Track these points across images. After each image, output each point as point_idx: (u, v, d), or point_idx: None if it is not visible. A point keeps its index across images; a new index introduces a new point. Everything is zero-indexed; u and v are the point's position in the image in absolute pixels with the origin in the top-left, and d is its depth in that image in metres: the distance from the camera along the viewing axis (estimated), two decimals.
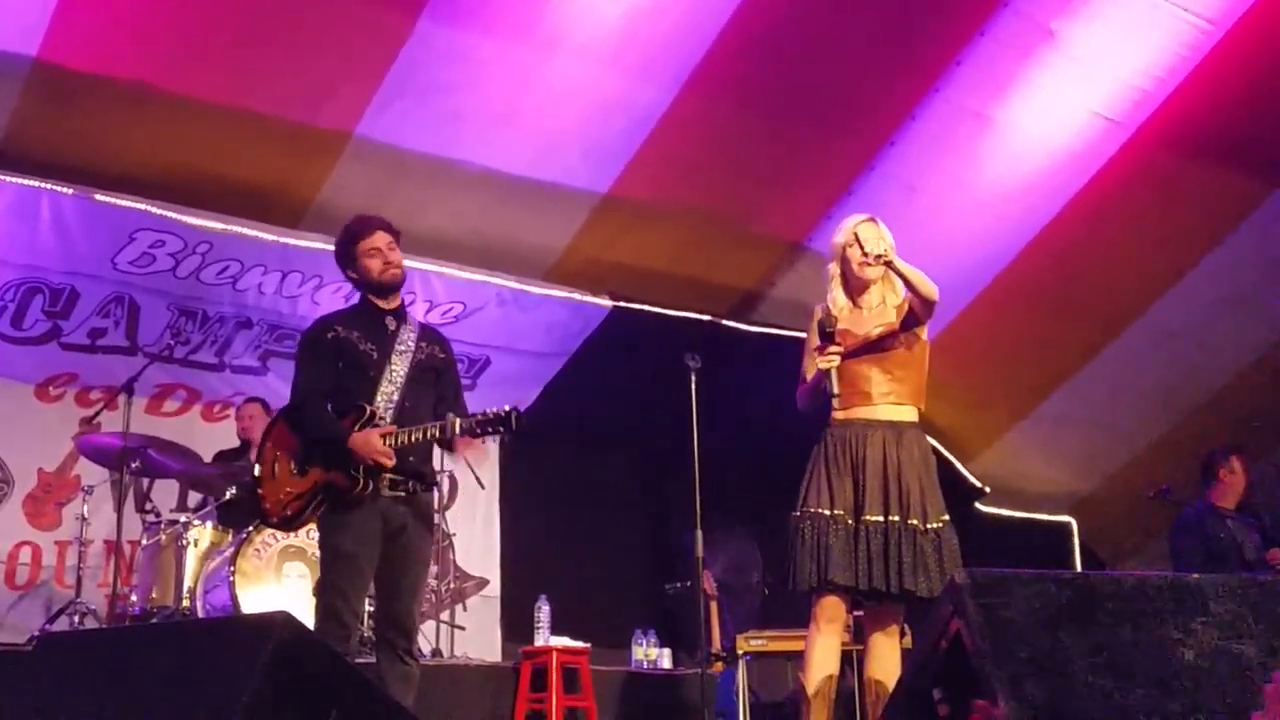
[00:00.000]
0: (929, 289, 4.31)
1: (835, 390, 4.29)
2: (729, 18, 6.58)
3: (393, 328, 4.40)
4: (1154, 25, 6.77)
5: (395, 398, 4.30)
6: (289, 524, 4.46)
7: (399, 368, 4.33)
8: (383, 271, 4.39)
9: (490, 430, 4.18)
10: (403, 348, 4.37)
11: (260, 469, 4.40)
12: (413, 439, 4.20)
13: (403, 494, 4.26)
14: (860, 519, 4.22)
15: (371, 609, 5.19)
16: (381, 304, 4.44)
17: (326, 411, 4.27)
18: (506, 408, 4.15)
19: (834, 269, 4.52)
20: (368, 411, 4.23)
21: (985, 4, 6.74)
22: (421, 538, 4.34)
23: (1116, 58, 6.94)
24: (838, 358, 4.30)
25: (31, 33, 5.92)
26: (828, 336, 4.32)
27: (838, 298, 4.49)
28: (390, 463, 4.16)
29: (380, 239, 4.40)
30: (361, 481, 4.15)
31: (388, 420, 4.25)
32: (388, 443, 4.15)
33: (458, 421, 4.17)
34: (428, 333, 4.55)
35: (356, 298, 4.61)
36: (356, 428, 4.19)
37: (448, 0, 6.23)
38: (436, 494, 7.85)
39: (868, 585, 4.17)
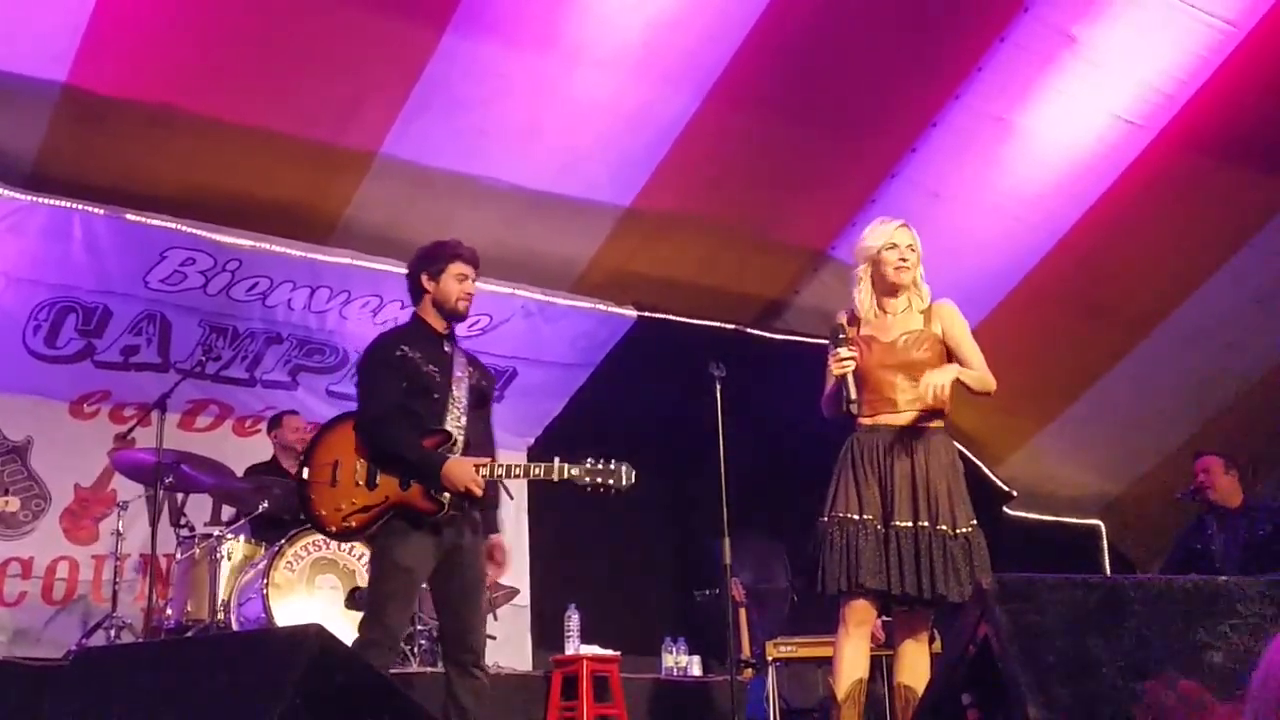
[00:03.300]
0: (987, 385, 4.38)
1: (853, 396, 4.29)
2: (750, 29, 6.61)
3: (448, 350, 4.45)
4: (1174, 28, 6.75)
5: (463, 423, 4.34)
6: (349, 535, 4.41)
7: (460, 394, 4.38)
8: (459, 299, 4.43)
9: (598, 484, 4.24)
10: (460, 373, 4.42)
11: (309, 474, 4.35)
12: (507, 473, 4.28)
13: (456, 513, 4.28)
14: (890, 525, 4.22)
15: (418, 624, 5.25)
16: (438, 327, 4.48)
17: (411, 432, 4.27)
18: (618, 463, 4.26)
19: (863, 271, 4.50)
20: (453, 439, 4.27)
21: (1005, 10, 6.75)
22: (474, 555, 4.38)
23: (1137, 61, 6.94)
24: (851, 363, 4.31)
25: (61, 58, 6.01)
26: (840, 343, 4.33)
27: (865, 301, 4.50)
28: (480, 493, 4.21)
29: (471, 271, 4.45)
30: (445, 507, 4.19)
31: (459, 446, 4.30)
32: (480, 474, 4.21)
33: (567, 468, 4.24)
34: (472, 358, 4.61)
35: (385, 313, 4.66)
36: (445, 453, 4.24)
37: (471, 15, 6.28)
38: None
39: (900, 590, 4.17)
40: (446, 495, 4.20)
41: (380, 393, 4.32)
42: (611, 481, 4.27)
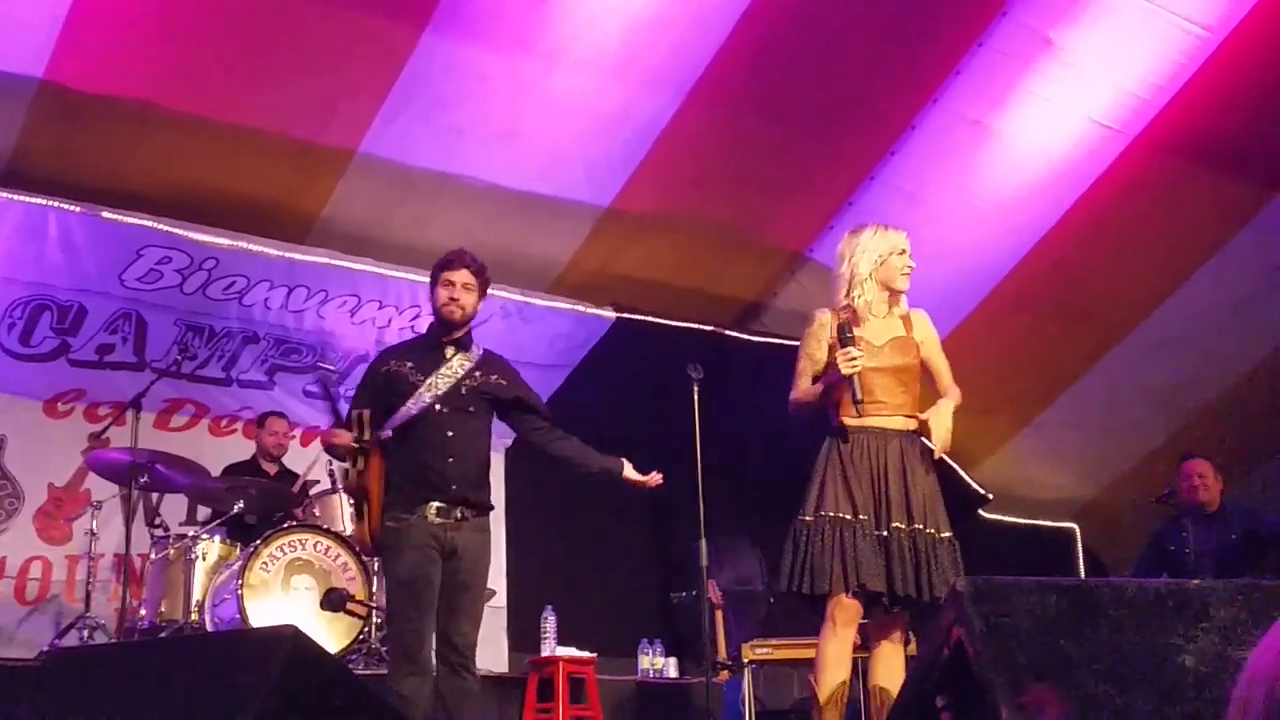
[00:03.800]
0: (959, 402, 4.47)
1: (860, 396, 4.29)
2: (730, 31, 6.62)
3: (448, 356, 4.50)
4: (1151, 33, 6.80)
5: (413, 413, 4.40)
6: (373, 543, 4.51)
7: (433, 390, 4.41)
8: (444, 304, 4.50)
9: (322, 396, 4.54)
10: (448, 373, 4.45)
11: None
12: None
13: (451, 521, 4.35)
14: (888, 525, 4.21)
15: None
16: (441, 334, 4.54)
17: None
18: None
19: (870, 274, 4.44)
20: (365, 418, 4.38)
21: (983, 14, 6.78)
22: (472, 562, 4.42)
23: (1115, 66, 6.98)
24: (859, 363, 4.31)
25: (38, 54, 5.99)
26: (848, 341, 4.31)
27: (872, 302, 4.46)
28: (341, 439, 4.37)
29: (460, 275, 4.52)
30: (344, 478, 4.46)
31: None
32: (359, 436, 4.33)
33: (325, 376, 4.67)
34: (490, 361, 4.62)
35: (363, 313, 4.75)
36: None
37: (450, 15, 6.28)
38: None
39: (904, 592, 4.15)
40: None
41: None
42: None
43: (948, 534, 4.27)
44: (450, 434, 4.39)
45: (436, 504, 4.33)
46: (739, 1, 6.53)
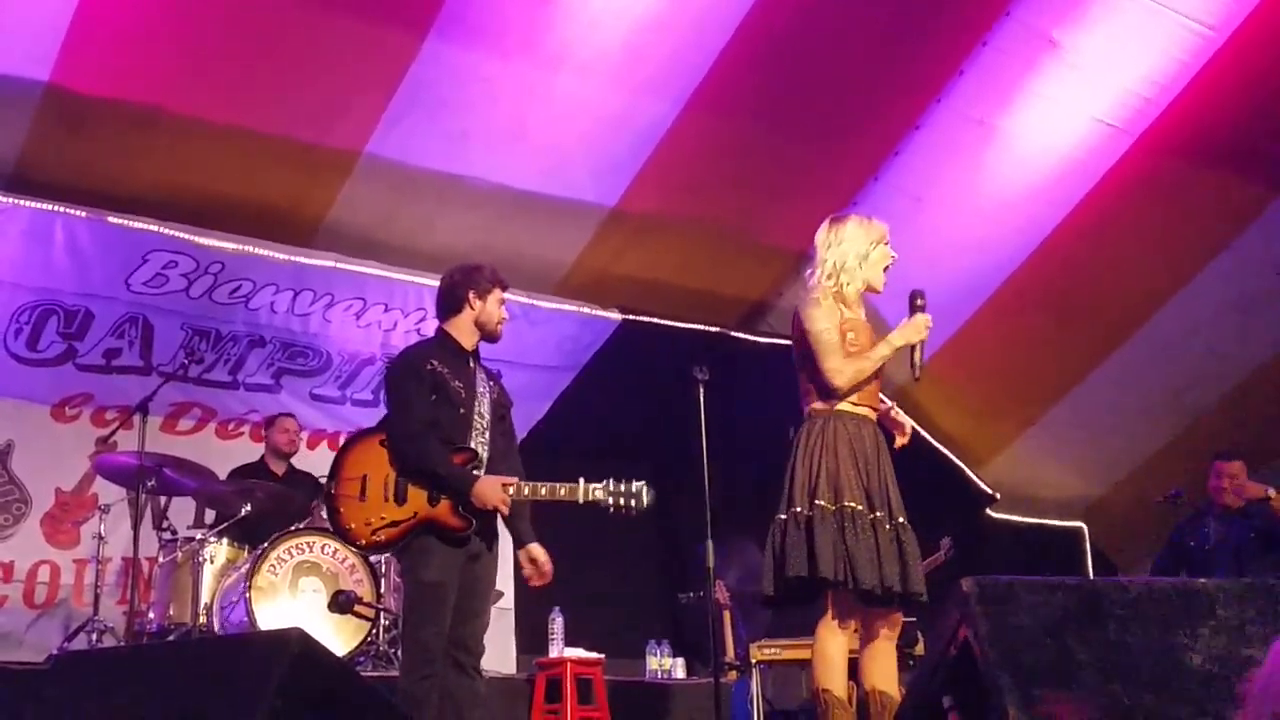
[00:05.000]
0: None
1: (919, 370, 4.29)
2: (733, 32, 6.62)
3: (472, 367, 4.51)
4: (1156, 32, 6.79)
5: (486, 439, 4.40)
6: (378, 549, 4.55)
7: (484, 410, 4.44)
8: (500, 323, 4.53)
9: (620, 505, 4.30)
10: (482, 389, 4.47)
11: (338, 488, 4.36)
12: (533, 494, 4.31)
13: (476, 527, 4.33)
14: (894, 520, 4.18)
15: None
16: (466, 344, 4.51)
17: (442, 448, 4.30)
18: (638, 483, 4.30)
19: (859, 262, 4.46)
20: (479, 456, 4.33)
21: (987, 13, 6.78)
22: (489, 565, 4.45)
23: (1119, 65, 6.97)
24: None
25: (43, 58, 6.00)
26: (918, 309, 4.30)
27: (857, 290, 4.45)
28: (507, 512, 4.28)
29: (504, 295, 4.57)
30: (473, 525, 4.25)
31: (484, 463, 4.36)
32: (508, 493, 4.26)
33: (591, 489, 4.30)
34: (492, 374, 4.65)
35: (369, 316, 4.65)
36: (471, 470, 4.29)
37: (454, 20, 6.29)
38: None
39: (916, 587, 4.11)
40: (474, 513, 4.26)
41: (412, 407, 4.35)
42: (634, 503, 4.35)
43: None
44: (492, 451, 4.43)
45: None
46: (742, 2, 6.54)
